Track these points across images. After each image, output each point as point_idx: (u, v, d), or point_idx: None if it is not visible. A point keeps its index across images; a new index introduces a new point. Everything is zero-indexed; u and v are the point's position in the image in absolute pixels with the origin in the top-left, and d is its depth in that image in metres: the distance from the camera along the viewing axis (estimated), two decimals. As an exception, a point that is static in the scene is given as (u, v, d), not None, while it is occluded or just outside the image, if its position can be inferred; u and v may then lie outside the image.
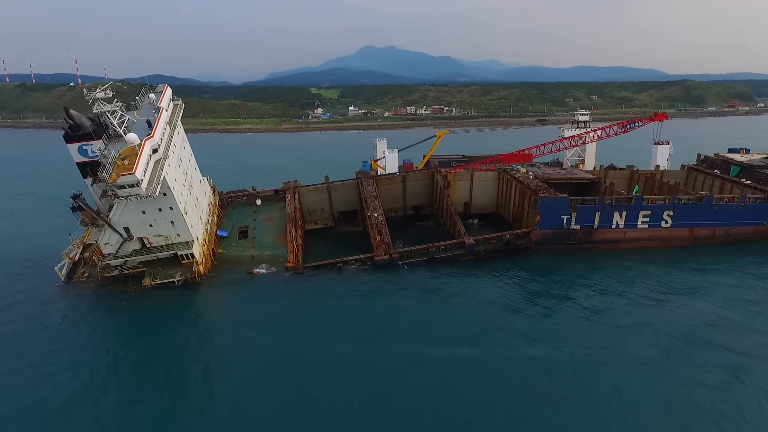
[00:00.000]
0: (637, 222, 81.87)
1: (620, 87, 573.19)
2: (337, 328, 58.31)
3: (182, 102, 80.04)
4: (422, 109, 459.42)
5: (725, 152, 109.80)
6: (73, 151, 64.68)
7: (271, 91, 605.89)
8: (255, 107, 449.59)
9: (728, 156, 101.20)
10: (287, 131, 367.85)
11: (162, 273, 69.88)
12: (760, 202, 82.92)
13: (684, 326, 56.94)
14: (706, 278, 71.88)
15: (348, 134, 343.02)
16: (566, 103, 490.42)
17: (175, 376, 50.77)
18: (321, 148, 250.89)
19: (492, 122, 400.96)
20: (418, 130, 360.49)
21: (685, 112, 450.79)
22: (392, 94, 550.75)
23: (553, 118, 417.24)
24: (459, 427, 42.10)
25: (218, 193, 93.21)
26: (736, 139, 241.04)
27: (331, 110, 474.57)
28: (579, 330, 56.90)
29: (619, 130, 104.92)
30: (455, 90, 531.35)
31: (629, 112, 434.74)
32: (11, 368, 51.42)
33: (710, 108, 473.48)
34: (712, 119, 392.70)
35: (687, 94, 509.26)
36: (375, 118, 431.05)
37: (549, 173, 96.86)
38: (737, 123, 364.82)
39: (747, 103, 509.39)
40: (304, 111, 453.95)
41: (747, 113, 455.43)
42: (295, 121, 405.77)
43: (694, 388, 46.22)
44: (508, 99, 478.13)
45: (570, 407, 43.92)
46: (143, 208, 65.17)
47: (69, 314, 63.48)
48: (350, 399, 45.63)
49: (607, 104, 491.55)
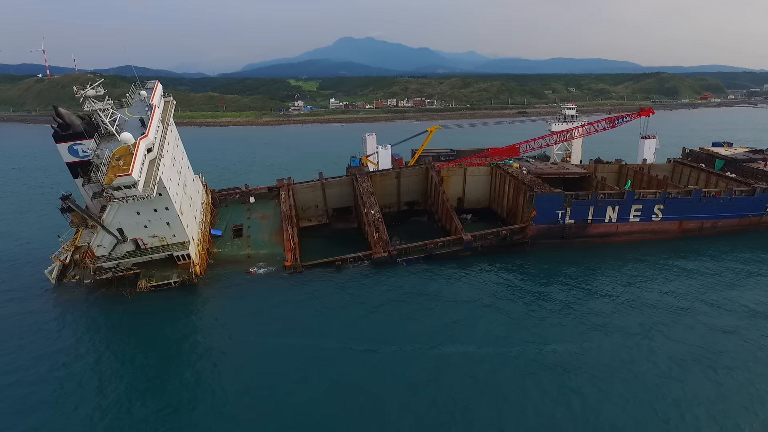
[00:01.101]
0: (629, 216, 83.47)
1: (597, 79, 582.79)
2: (341, 330, 57.59)
3: (173, 98, 77.68)
4: (404, 102, 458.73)
5: (708, 145, 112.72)
6: (62, 151, 62.21)
7: (249, 83, 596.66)
8: (234, 100, 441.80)
9: (713, 150, 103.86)
10: (268, 124, 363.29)
11: (158, 274, 68.21)
12: (745, 195, 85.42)
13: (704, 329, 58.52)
14: (697, 267, 74.52)
15: (330, 127, 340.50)
16: (545, 95, 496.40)
17: (179, 382, 49.45)
18: (305, 142, 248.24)
19: (473, 114, 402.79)
20: (400, 123, 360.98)
21: (660, 104, 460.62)
22: (373, 86, 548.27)
23: (533, 110, 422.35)
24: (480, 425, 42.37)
25: (210, 191, 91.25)
26: (714, 131, 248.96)
27: (311, 103, 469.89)
28: (592, 327, 57.64)
29: (608, 125, 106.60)
30: (436, 82, 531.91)
31: (607, 105, 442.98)
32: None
33: (684, 100, 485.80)
34: (686, 111, 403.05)
35: (661, 86, 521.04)
36: (357, 110, 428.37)
37: (541, 168, 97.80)
38: (711, 115, 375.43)
39: (718, 95, 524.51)
40: (284, 103, 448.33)
41: (719, 105, 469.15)
42: (275, 114, 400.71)
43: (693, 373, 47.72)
44: (488, 91, 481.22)
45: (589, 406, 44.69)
46: (138, 209, 63.26)
47: (61, 318, 61.08)
48: (357, 402, 45.36)
49: (585, 96, 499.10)
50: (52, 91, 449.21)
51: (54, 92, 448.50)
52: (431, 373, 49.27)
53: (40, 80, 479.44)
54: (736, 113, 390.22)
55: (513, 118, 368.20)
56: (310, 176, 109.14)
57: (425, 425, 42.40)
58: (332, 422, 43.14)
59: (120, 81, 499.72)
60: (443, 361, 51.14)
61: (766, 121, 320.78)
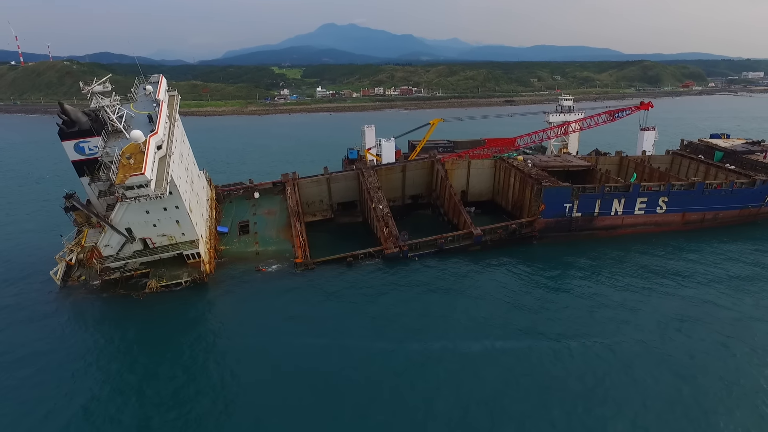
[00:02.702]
0: (635, 208, 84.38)
1: (581, 67, 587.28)
2: (360, 328, 57.15)
3: (178, 93, 75.19)
4: (391, 90, 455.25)
5: (705, 136, 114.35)
6: (68, 149, 59.85)
7: (232, 71, 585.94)
8: (218, 88, 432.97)
9: (712, 141, 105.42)
10: (254, 113, 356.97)
11: (168, 274, 66.66)
12: (745, 186, 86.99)
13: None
14: (701, 259, 76.12)
15: (318, 116, 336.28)
16: (531, 83, 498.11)
17: (197, 389, 48.13)
18: (295, 133, 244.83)
19: (461, 103, 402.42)
20: (389, 112, 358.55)
21: (644, 92, 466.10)
22: (358, 74, 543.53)
23: (521, 98, 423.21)
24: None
25: (214, 186, 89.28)
26: (699, 121, 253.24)
27: (297, 91, 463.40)
28: (617, 321, 58.39)
29: (607, 119, 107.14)
30: (422, 70, 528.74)
31: (592, 92, 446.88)
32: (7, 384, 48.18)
33: (666, 88, 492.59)
34: (670, 99, 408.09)
35: (644, 74, 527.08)
36: (344, 99, 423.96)
37: (546, 161, 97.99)
38: (694, 103, 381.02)
39: (699, 83, 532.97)
40: (269, 92, 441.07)
41: (700, 93, 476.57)
42: (261, 103, 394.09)
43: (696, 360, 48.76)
44: (475, 79, 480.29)
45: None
46: (147, 208, 61.39)
47: (70, 322, 59.50)
48: (381, 402, 45.27)
49: (570, 84, 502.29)
50: (27, 79, 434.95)
51: (29, 80, 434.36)
52: (460, 374, 49.10)
53: (13, 68, 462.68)
54: (718, 101, 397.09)
55: (502, 107, 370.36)
56: (304, 168, 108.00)
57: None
58: (360, 424, 42.91)
59: (98, 69, 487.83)
60: (471, 360, 51.06)
61: (747, 110, 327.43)
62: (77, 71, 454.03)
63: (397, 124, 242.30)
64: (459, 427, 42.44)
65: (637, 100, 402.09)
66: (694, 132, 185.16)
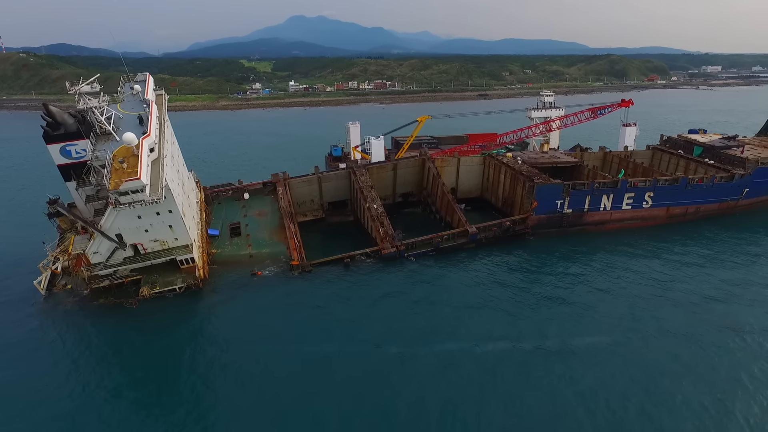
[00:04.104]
0: (622, 204, 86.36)
1: (551, 61, 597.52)
2: (367, 333, 56.41)
3: (165, 92, 72.08)
4: (365, 84, 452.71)
5: (669, 130, 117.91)
6: (54, 153, 56.42)
7: (200, 64, 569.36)
8: (187, 82, 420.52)
9: (691, 137, 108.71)
10: (226, 108, 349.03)
11: (161, 280, 64.31)
12: (725, 181, 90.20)
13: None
14: (687, 250, 79.43)
15: (293, 111, 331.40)
16: (503, 77, 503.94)
17: (199, 401, 46.80)
18: (271, 129, 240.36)
19: (435, 97, 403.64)
20: (364, 106, 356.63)
21: (612, 85, 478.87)
22: (331, 68, 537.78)
23: (494, 92, 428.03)
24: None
25: (202, 187, 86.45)
26: (667, 114, 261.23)
27: (269, 85, 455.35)
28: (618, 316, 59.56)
29: (590, 116, 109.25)
30: (395, 63, 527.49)
31: (562, 86, 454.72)
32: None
33: (633, 81, 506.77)
34: (637, 92, 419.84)
35: (612, 68, 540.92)
36: (317, 93, 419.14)
37: (535, 158, 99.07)
38: (659, 96, 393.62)
39: (663, 76, 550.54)
40: (241, 86, 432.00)
41: (664, 86, 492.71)
42: (233, 98, 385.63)
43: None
44: (448, 73, 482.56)
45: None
46: (139, 213, 58.66)
47: (59, 334, 56.44)
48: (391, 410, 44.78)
49: (541, 78, 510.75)
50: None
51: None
52: (479, 378, 48.77)
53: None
54: (683, 95, 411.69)
55: (477, 101, 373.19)
56: (286, 165, 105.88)
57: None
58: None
59: (58, 62, 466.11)
60: (489, 362, 50.90)
61: (709, 102, 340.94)
62: (35, 64, 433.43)
63: (376, 119, 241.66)
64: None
65: (606, 93, 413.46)
66: (663, 125, 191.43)
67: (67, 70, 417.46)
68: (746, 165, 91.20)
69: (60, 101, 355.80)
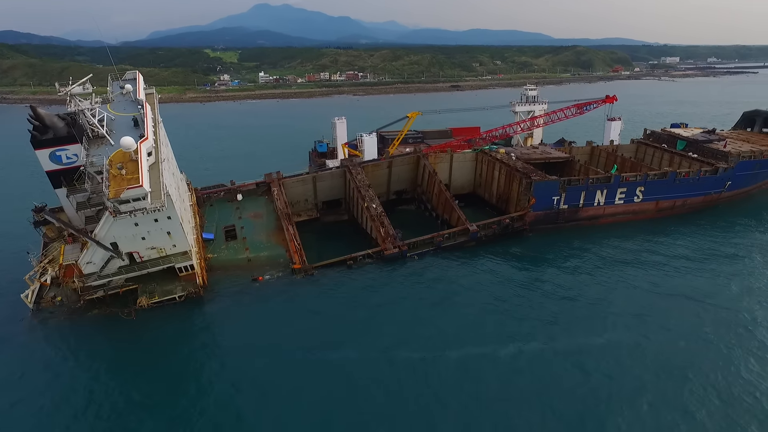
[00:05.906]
0: (615, 198, 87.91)
1: (519, 52, 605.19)
2: (379, 337, 55.12)
3: (155, 90, 67.93)
4: (336, 75, 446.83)
5: (639, 121, 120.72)
6: (42, 158, 52.21)
7: (162, 54, 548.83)
8: (150, 73, 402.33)
9: (674, 131, 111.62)
10: (194, 101, 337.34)
11: (159, 289, 61.11)
12: (709, 174, 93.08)
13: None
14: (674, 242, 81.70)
15: (265, 104, 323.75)
16: (474, 68, 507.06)
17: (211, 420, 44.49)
18: (246, 122, 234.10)
19: (408, 88, 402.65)
20: (338, 98, 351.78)
21: (579, 76, 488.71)
22: (300, 58, 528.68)
23: (465, 83, 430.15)
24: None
25: (193, 189, 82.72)
26: (636, 105, 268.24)
27: (237, 76, 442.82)
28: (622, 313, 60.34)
29: (576, 112, 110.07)
30: (366, 54, 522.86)
31: (531, 77, 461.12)
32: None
33: (599, 72, 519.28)
34: (603, 83, 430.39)
35: (578, 59, 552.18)
36: (289, 85, 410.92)
37: (527, 153, 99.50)
38: (624, 87, 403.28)
39: (627, 67, 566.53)
40: (208, 77, 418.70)
41: (629, 77, 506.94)
42: (201, 90, 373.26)
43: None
44: (419, 64, 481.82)
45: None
46: (136, 220, 55.32)
47: (52, 350, 52.74)
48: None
49: (510, 69, 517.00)
50: None
51: None
52: (504, 387, 48.43)
53: None
54: (646, 86, 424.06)
55: (449, 92, 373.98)
56: (270, 163, 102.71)
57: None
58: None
59: (8, 51, 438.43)
60: (516, 364, 50.53)
61: (672, 93, 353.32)
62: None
63: (352, 111, 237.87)
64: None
65: (574, 84, 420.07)
66: (634, 117, 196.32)
67: (19, 60, 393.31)
68: (728, 159, 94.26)
69: (13, 93, 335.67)
